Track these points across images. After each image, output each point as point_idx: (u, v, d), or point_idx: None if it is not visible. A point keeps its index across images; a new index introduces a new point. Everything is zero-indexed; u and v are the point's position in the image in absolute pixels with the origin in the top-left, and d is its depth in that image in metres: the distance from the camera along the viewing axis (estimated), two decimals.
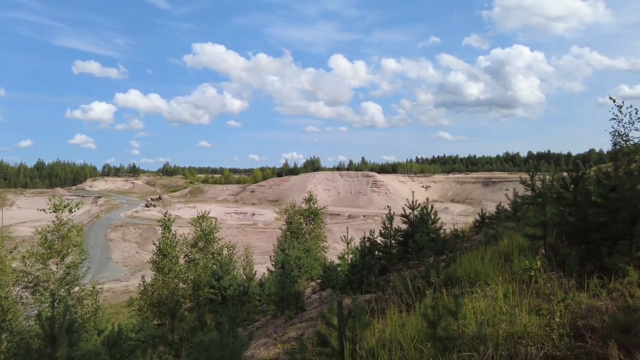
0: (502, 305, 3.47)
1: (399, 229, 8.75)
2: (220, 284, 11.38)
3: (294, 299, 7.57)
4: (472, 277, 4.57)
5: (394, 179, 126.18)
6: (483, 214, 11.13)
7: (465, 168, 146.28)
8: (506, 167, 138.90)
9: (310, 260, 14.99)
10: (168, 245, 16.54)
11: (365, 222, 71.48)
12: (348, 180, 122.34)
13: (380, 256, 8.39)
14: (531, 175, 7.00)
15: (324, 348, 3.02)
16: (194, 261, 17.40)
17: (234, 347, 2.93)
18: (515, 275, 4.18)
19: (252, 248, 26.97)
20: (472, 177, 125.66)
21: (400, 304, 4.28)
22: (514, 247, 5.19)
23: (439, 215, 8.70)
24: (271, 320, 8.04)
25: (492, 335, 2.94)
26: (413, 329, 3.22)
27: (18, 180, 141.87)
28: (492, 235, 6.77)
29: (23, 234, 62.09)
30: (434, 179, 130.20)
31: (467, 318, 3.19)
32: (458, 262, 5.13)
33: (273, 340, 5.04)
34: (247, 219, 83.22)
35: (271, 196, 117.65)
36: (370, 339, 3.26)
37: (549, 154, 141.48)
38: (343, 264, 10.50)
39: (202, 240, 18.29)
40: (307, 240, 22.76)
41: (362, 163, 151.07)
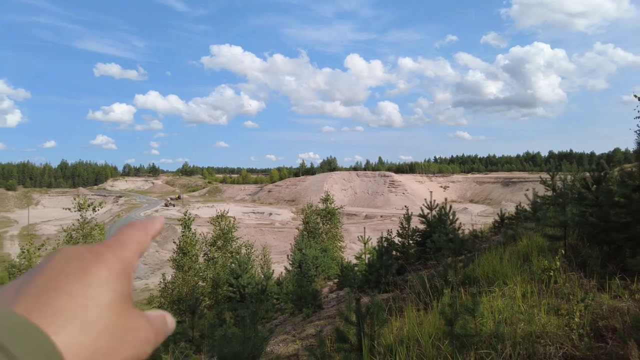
0: (521, 304, 3.48)
1: (416, 229, 8.74)
2: (238, 282, 11.55)
3: (312, 297, 7.65)
4: (491, 277, 4.57)
5: (411, 179, 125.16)
6: (502, 215, 11.00)
7: (484, 168, 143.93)
8: (526, 167, 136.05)
9: (328, 259, 15.05)
10: (188, 243, 16.85)
11: (383, 222, 71.12)
12: (365, 180, 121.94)
13: (397, 256, 8.40)
14: (552, 175, 6.92)
15: (342, 344, 3.08)
16: (213, 260, 17.67)
17: (255, 342, 3.02)
18: (534, 275, 4.16)
19: (269, 247, 27.18)
20: (492, 177, 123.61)
21: (418, 302, 4.31)
22: (533, 248, 5.15)
23: (457, 216, 8.65)
24: (289, 318, 8.14)
25: (510, 334, 2.95)
26: (431, 327, 3.25)
27: (43, 180, 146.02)
28: (511, 236, 6.72)
29: (48, 232, 64.00)
30: (453, 179, 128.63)
31: (484, 317, 3.21)
32: (476, 262, 5.13)
33: (292, 337, 5.12)
34: (265, 218, 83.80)
35: (288, 196, 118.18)
36: (388, 336, 3.31)
37: (571, 154, 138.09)
38: (360, 264, 10.55)
39: (221, 239, 18.56)
40: (324, 240, 22.85)
41: (379, 163, 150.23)
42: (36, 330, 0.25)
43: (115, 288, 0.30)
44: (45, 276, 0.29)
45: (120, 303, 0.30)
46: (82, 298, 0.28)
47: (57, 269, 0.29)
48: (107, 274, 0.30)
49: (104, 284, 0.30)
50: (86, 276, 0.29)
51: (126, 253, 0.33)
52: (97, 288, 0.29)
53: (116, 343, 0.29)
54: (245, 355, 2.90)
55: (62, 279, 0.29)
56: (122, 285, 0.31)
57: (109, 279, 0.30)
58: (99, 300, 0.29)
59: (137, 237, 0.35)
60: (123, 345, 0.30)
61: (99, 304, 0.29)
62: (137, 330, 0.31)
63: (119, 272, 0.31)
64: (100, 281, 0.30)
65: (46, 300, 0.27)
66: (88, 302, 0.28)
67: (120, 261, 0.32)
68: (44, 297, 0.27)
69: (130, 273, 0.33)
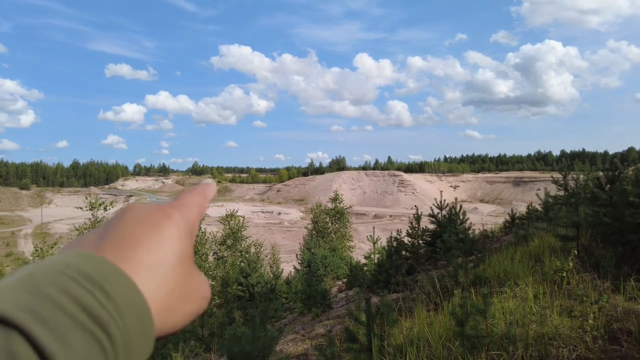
0: (532, 305, 3.44)
1: (426, 229, 8.69)
2: (248, 281, 11.58)
3: (321, 297, 7.65)
4: (502, 278, 4.52)
5: (421, 178, 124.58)
6: (513, 214, 10.89)
7: (495, 167, 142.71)
8: (538, 166, 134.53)
9: (336, 259, 15.04)
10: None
11: (392, 222, 70.92)
12: (374, 179, 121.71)
13: (407, 256, 8.36)
14: (564, 175, 6.83)
15: (352, 344, 3.07)
16: (223, 259, 17.78)
17: (264, 341, 3.02)
18: (546, 276, 4.11)
19: (278, 246, 27.25)
20: (502, 176, 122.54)
21: (428, 303, 4.28)
22: (545, 248, 5.09)
23: (467, 216, 8.59)
24: (298, 317, 8.15)
25: (522, 335, 2.92)
26: (441, 328, 3.23)
27: (55, 179, 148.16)
28: (523, 236, 6.66)
29: (60, 230, 64.97)
30: (463, 179, 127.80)
31: (496, 317, 3.18)
32: (487, 262, 5.08)
33: (301, 337, 5.13)
34: (273, 217, 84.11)
35: (297, 195, 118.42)
36: (398, 336, 3.30)
37: (584, 153, 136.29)
38: (369, 264, 10.52)
39: (230, 238, 18.67)
40: (333, 239, 22.85)
41: (389, 162, 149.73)
42: (126, 277, 0.27)
43: (184, 247, 0.33)
44: (123, 230, 0.31)
45: (187, 261, 0.33)
46: (158, 254, 0.31)
47: (133, 224, 0.32)
48: (177, 233, 0.33)
49: (175, 242, 0.32)
50: (160, 234, 0.32)
51: (190, 215, 0.35)
52: (170, 245, 0.32)
53: (184, 298, 0.32)
54: (255, 355, 2.91)
55: (139, 234, 0.31)
56: (188, 244, 0.34)
57: (179, 237, 0.33)
58: (172, 257, 0.32)
59: (197, 200, 0.38)
60: (189, 300, 0.33)
61: (172, 260, 0.31)
62: (199, 287, 0.34)
63: (186, 232, 0.34)
64: (172, 239, 0.32)
65: (127, 253, 0.30)
66: (163, 258, 0.31)
67: (187, 222, 0.34)
68: (125, 249, 0.30)
69: (194, 234, 0.35)
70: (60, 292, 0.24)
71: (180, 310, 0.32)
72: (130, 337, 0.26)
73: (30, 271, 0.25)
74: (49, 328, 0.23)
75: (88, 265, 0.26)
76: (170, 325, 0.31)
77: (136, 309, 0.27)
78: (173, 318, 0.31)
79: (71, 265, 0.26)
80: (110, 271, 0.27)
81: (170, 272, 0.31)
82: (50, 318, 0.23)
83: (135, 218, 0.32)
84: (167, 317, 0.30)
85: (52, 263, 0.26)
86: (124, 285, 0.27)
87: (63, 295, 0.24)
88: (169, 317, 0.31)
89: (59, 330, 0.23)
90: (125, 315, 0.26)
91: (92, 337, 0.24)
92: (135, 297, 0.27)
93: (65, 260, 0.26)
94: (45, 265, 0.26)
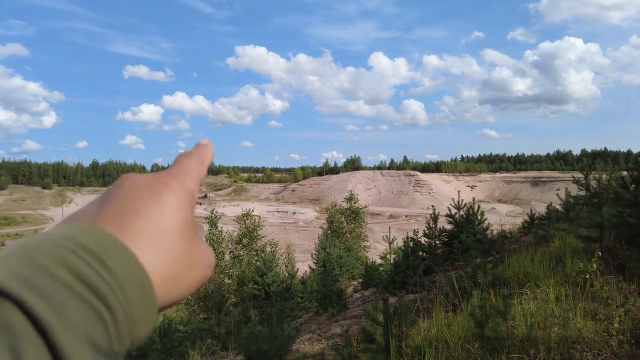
0: (554, 308, 3.36)
1: (443, 229, 8.60)
2: (263, 280, 11.65)
3: (337, 296, 7.64)
4: (521, 279, 4.44)
5: (437, 178, 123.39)
6: (532, 215, 10.69)
7: (512, 167, 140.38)
8: (557, 166, 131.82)
9: (352, 259, 15.01)
10: (214, 241, 17.13)
11: (407, 222, 70.45)
12: (389, 179, 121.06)
13: (424, 256, 8.28)
14: (585, 174, 6.67)
15: (369, 344, 3.05)
16: (239, 257, 17.91)
17: (281, 340, 3.03)
18: (568, 277, 4.02)
19: (293, 246, 27.33)
20: (520, 176, 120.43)
21: (446, 304, 4.23)
22: (566, 249, 4.98)
23: (485, 216, 8.46)
24: (314, 317, 8.16)
25: (544, 338, 2.86)
26: (460, 329, 3.19)
27: (76, 179, 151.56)
28: (542, 236, 6.52)
29: None
30: (480, 178, 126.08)
31: (516, 319, 3.12)
32: (506, 263, 4.99)
33: (317, 336, 5.13)
34: (288, 217, 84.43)
35: (311, 195, 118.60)
36: (416, 337, 3.26)
37: (606, 152, 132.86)
38: (385, 264, 10.46)
39: (246, 238, 18.79)
40: (348, 239, 22.80)
41: (404, 162, 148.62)
42: (125, 248, 0.27)
43: (185, 215, 0.32)
44: (122, 201, 0.30)
45: (189, 229, 0.32)
46: (159, 223, 0.30)
47: (131, 194, 0.31)
48: (177, 202, 0.32)
49: (175, 211, 0.31)
50: (160, 203, 0.31)
51: (189, 183, 0.34)
52: (170, 214, 0.31)
53: (188, 266, 0.31)
54: (272, 353, 2.91)
55: (138, 204, 0.30)
56: (189, 213, 0.33)
57: (179, 206, 0.32)
58: (173, 225, 0.31)
59: (195, 167, 0.37)
60: (193, 268, 0.32)
61: (174, 229, 0.31)
62: (202, 255, 0.33)
63: (185, 200, 0.33)
64: (172, 208, 0.31)
65: (128, 223, 0.29)
66: (164, 228, 0.30)
67: (186, 190, 0.33)
68: (125, 219, 0.29)
69: (193, 201, 0.34)
70: (57, 263, 0.24)
71: (185, 278, 0.31)
72: (132, 309, 0.25)
73: (25, 243, 0.25)
74: (45, 298, 0.22)
75: (86, 237, 0.26)
76: (177, 293, 0.31)
77: (137, 281, 0.26)
78: (179, 286, 0.31)
79: (68, 237, 0.25)
80: (109, 243, 0.26)
81: (173, 240, 0.30)
82: (46, 288, 0.22)
83: (134, 188, 0.31)
84: (172, 285, 0.30)
85: (49, 235, 0.26)
86: (123, 257, 0.26)
87: (60, 266, 0.24)
88: (174, 286, 0.30)
89: (56, 301, 0.22)
90: (126, 287, 0.25)
91: (90, 309, 0.23)
92: (135, 268, 0.26)
93: (62, 232, 0.26)
94: (41, 237, 0.25)
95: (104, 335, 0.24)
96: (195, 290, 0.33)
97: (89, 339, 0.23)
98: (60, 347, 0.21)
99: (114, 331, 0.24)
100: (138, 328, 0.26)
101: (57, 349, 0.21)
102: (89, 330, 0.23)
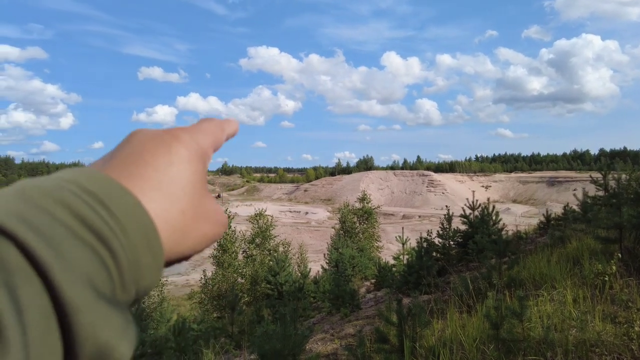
0: (572, 310, 3.30)
1: (458, 230, 8.51)
2: (276, 279, 11.68)
3: (349, 297, 7.62)
4: (537, 280, 4.38)
5: (451, 178, 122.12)
6: (548, 215, 10.51)
7: (528, 167, 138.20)
8: (574, 165, 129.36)
9: (364, 259, 14.95)
10: (228, 241, 17.26)
11: (421, 222, 69.89)
12: (402, 179, 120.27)
13: (438, 257, 8.21)
14: (604, 174, 6.53)
15: (383, 345, 3.04)
16: (252, 257, 18.00)
17: (295, 340, 3.03)
18: (586, 279, 3.94)
19: (305, 246, 27.37)
20: (536, 176, 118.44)
21: (460, 305, 4.18)
22: (584, 250, 4.89)
23: (500, 216, 8.35)
24: (326, 317, 8.15)
25: (561, 340, 2.81)
26: (475, 330, 3.15)
27: None
28: (559, 237, 6.42)
29: None
30: (495, 178, 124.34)
31: (532, 321, 3.07)
32: (522, 264, 4.93)
33: (330, 336, 5.12)
34: (301, 217, 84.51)
35: (324, 195, 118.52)
36: (430, 338, 3.24)
37: (625, 152, 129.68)
38: (398, 265, 10.40)
39: (259, 237, 18.87)
40: (361, 239, 22.72)
41: (418, 162, 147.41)
42: (129, 193, 0.26)
43: (195, 169, 0.31)
44: (130, 151, 0.30)
45: (200, 184, 0.31)
46: (167, 173, 0.29)
47: (140, 146, 0.30)
48: (187, 154, 0.31)
49: (185, 163, 0.30)
50: (169, 154, 0.30)
51: (203, 139, 0.34)
52: (179, 165, 0.30)
53: (199, 219, 0.30)
54: (285, 353, 2.92)
55: (146, 154, 0.29)
56: (200, 167, 0.32)
57: (189, 159, 0.31)
58: (182, 177, 0.30)
59: (213, 129, 0.36)
60: (204, 223, 0.31)
61: (182, 180, 0.30)
62: (214, 211, 0.32)
63: (196, 154, 0.32)
64: (181, 160, 0.30)
65: (134, 170, 0.28)
66: (172, 178, 0.29)
67: (197, 144, 0.32)
68: (132, 167, 0.28)
69: (205, 159, 0.33)
70: (57, 204, 0.22)
71: (195, 232, 0.30)
72: (137, 256, 0.24)
73: (24, 185, 0.24)
74: (43, 236, 0.21)
75: (90, 181, 0.25)
76: (187, 247, 0.30)
77: (142, 227, 0.25)
78: (189, 240, 0.29)
79: (70, 179, 0.24)
80: (114, 187, 0.25)
81: (181, 192, 0.29)
82: (44, 227, 0.21)
83: (143, 140, 0.30)
84: (181, 238, 0.29)
85: (50, 178, 0.25)
86: (128, 203, 0.25)
87: (60, 207, 0.22)
88: (184, 239, 0.29)
89: (54, 240, 0.21)
90: (130, 233, 0.24)
91: (92, 252, 0.22)
92: (140, 215, 0.25)
93: (64, 175, 0.25)
94: (41, 179, 0.24)
95: (107, 281, 0.22)
96: (206, 246, 0.32)
97: (90, 282, 0.21)
98: (58, 285, 0.20)
99: (117, 277, 0.23)
100: (144, 277, 0.25)
101: (54, 287, 0.20)
102: (90, 273, 0.22)
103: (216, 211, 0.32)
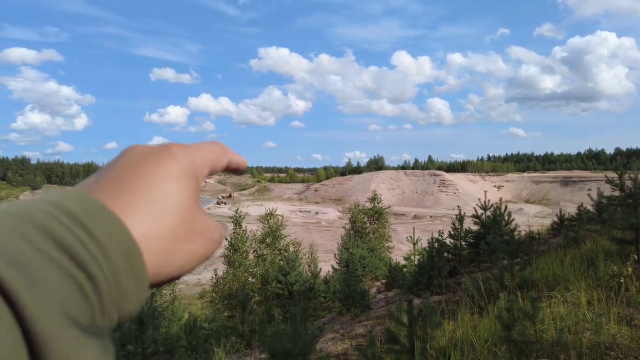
0: (586, 312, 3.25)
1: (469, 230, 8.44)
2: (287, 279, 11.71)
3: (360, 297, 7.61)
4: (550, 282, 4.32)
5: (463, 178, 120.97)
6: (562, 215, 10.36)
7: (541, 166, 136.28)
8: (589, 165, 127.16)
9: (375, 260, 14.89)
10: (239, 240, 17.35)
11: (432, 222, 69.40)
12: (413, 179, 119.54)
13: (449, 258, 8.16)
14: (620, 174, 6.41)
15: (393, 345, 3.03)
16: (263, 256, 18.07)
17: (305, 339, 3.04)
18: (600, 281, 3.88)
19: (316, 246, 27.36)
20: (549, 176, 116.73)
21: (472, 306, 4.15)
22: (598, 251, 4.81)
23: (513, 216, 8.26)
24: (337, 317, 8.15)
25: (575, 343, 2.77)
26: (486, 331, 3.12)
27: None
28: (573, 238, 6.32)
29: None
30: (507, 178, 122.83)
31: (545, 323, 3.04)
32: (534, 265, 4.86)
33: (340, 336, 5.12)
34: (311, 217, 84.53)
35: (334, 195, 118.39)
36: (441, 339, 3.22)
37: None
38: (409, 265, 10.35)
39: (270, 237, 18.93)
40: (371, 239, 22.64)
41: (429, 161, 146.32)
42: (112, 215, 0.25)
43: (187, 186, 0.30)
44: (120, 169, 0.29)
45: (192, 201, 0.31)
46: (155, 191, 0.28)
47: (131, 162, 0.30)
48: (178, 171, 0.30)
49: (175, 180, 0.30)
50: (160, 170, 0.30)
51: (197, 156, 0.33)
52: (170, 183, 0.30)
53: (188, 238, 0.30)
54: (296, 352, 2.93)
55: (138, 171, 0.29)
56: (192, 184, 0.31)
57: (179, 176, 0.30)
58: (172, 194, 0.29)
59: (213, 149, 0.35)
60: (194, 241, 0.30)
61: (173, 198, 0.29)
62: (206, 228, 0.31)
63: (189, 171, 0.31)
64: (172, 176, 0.30)
65: (123, 190, 0.28)
66: (163, 195, 0.29)
67: (191, 161, 0.32)
68: (121, 187, 0.28)
69: (197, 175, 0.32)
70: (36, 229, 0.22)
71: (183, 251, 0.29)
72: (119, 280, 0.24)
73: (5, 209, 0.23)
74: (14, 264, 0.20)
75: (71, 202, 0.24)
76: (175, 267, 0.29)
77: (124, 249, 0.24)
78: (176, 259, 0.29)
79: (52, 202, 0.24)
80: (95, 208, 0.25)
81: (171, 210, 0.28)
82: (18, 254, 0.20)
83: (136, 156, 0.30)
84: (169, 257, 0.28)
85: (33, 201, 0.24)
86: (109, 224, 0.24)
87: (38, 232, 0.22)
88: (171, 258, 0.28)
89: (27, 268, 0.20)
90: (111, 255, 0.24)
91: (68, 278, 0.21)
92: (122, 236, 0.25)
93: (47, 198, 0.25)
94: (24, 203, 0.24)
95: (84, 307, 0.22)
96: (196, 266, 0.31)
97: (64, 310, 0.21)
98: (30, 316, 0.19)
99: (97, 302, 0.22)
100: (127, 301, 0.24)
101: (25, 319, 0.19)
102: (65, 300, 0.21)
103: (208, 227, 0.32)
